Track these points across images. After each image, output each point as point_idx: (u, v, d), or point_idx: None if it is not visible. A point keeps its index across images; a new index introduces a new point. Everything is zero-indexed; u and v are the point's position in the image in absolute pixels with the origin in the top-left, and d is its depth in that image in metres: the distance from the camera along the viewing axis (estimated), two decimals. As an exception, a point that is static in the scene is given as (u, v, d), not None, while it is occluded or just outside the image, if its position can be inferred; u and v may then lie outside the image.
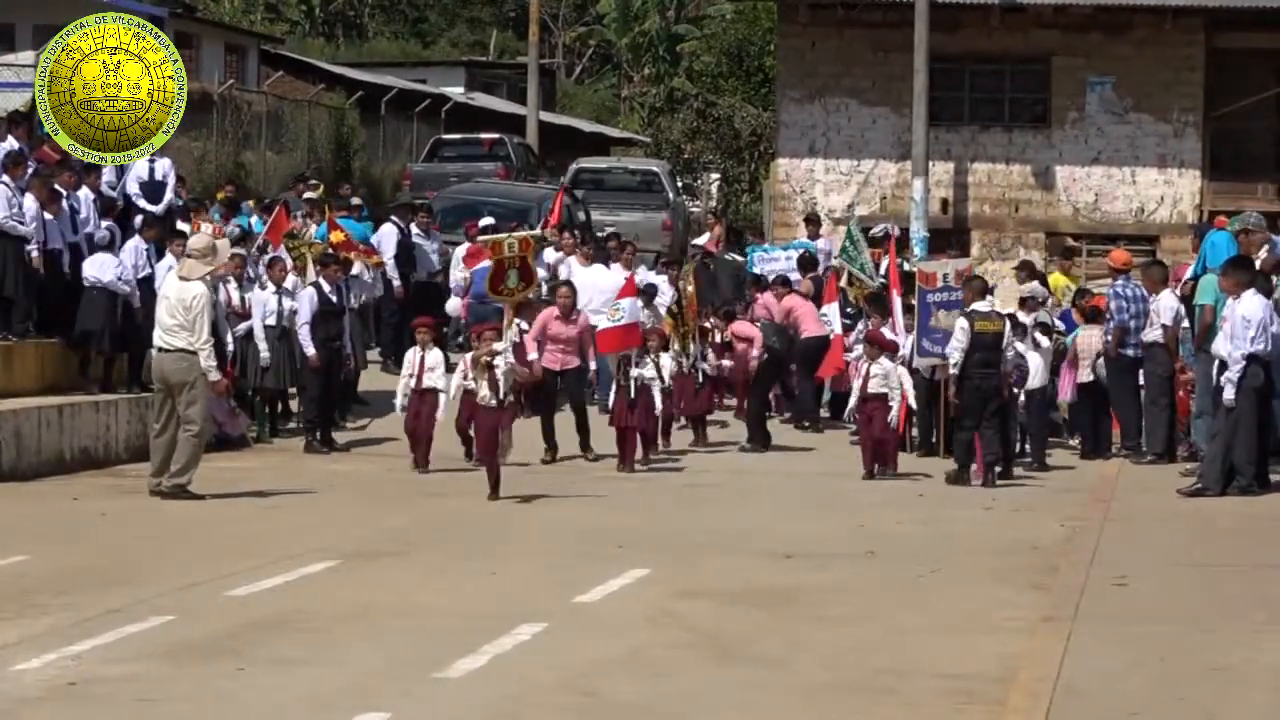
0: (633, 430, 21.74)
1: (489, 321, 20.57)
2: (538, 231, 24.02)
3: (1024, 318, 22.71)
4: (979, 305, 20.95)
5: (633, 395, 21.64)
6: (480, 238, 23.86)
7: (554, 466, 22.11)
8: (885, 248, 27.46)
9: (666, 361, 22.65)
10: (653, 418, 22.10)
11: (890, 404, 21.13)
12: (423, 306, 27.26)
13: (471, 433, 20.32)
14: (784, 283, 26.20)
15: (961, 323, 20.81)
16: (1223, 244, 21.36)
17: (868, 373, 21.29)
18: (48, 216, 22.08)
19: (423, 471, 21.19)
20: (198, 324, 18.26)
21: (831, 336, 25.20)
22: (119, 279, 22.14)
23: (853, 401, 22.41)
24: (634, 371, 21.80)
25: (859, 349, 23.67)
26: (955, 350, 20.72)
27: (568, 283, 24.14)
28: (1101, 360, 23.49)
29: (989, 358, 20.62)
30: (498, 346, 18.83)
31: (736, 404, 26.11)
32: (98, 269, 22.17)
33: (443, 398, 21.21)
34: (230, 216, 26.68)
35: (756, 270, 28.49)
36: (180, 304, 18.33)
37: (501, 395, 18.67)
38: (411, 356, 21.75)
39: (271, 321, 23.37)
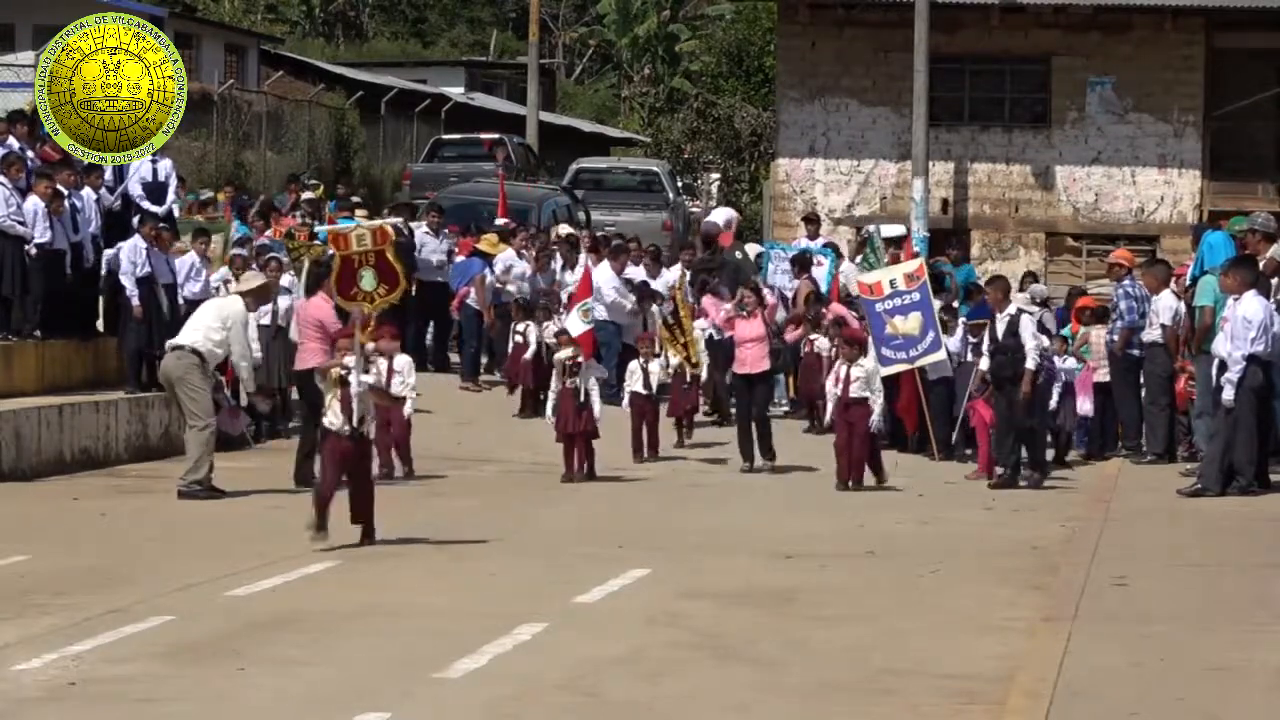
0: (580, 436, 20.48)
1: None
2: (396, 220, 22.66)
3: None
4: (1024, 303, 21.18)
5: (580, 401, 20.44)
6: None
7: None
8: (903, 248, 27.12)
9: (655, 369, 22.44)
10: (589, 423, 20.43)
11: (872, 406, 20.24)
12: (424, 306, 27.30)
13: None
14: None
15: (1035, 318, 20.79)
16: (1219, 244, 21.32)
17: (848, 375, 20.26)
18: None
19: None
20: (231, 336, 18.69)
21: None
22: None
23: (830, 407, 20.65)
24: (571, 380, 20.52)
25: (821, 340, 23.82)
26: (1037, 347, 20.44)
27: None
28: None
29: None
30: (348, 361, 15.26)
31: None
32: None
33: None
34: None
35: (770, 274, 28.05)
36: (217, 312, 18.76)
37: (355, 421, 15.19)
38: None
39: (266, 320, 23.34)
